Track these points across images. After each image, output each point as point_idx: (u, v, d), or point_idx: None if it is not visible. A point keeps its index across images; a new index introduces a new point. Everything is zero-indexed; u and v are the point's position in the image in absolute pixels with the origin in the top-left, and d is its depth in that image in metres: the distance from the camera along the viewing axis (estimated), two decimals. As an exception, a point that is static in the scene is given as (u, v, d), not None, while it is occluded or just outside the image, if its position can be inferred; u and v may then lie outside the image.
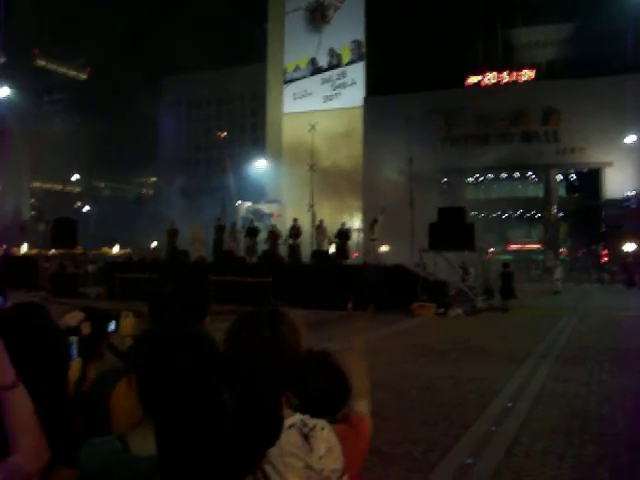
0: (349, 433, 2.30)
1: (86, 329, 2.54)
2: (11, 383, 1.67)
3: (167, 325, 1.62)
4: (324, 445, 1.84)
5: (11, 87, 73.61)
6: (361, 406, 2.50)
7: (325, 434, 1.86)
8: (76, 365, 2.49)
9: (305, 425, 1.84)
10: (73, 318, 2.56)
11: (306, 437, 1.81)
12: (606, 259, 47.51)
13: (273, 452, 1.74)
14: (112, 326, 2.74)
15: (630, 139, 46.30)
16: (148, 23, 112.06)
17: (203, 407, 1.26)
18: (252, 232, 29.84)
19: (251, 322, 1.93)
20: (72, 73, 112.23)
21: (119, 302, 20.86)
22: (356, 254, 37.45)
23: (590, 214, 52.35)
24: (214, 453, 1.24)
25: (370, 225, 27.74)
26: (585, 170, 52.45)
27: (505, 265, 25.67)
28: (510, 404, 8.81)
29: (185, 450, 1.25)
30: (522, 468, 6.18)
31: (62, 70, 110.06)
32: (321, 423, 1.88)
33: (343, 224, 29.33)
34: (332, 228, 29.29)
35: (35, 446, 1.69)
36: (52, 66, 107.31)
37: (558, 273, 33.10)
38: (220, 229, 30.26)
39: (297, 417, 1.86)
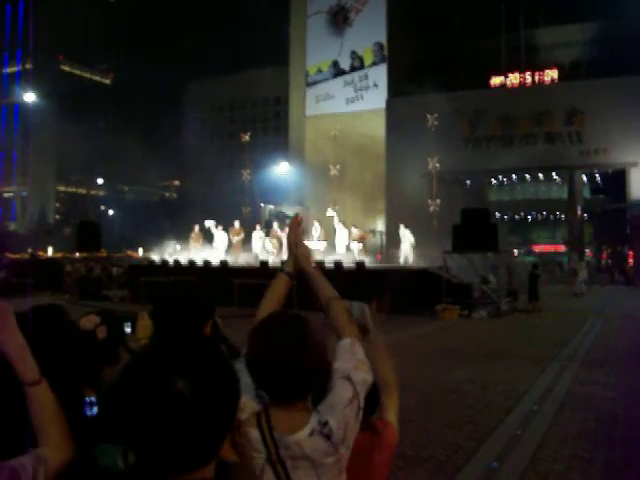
0: (375, 441, 2.28)
1: (101, 333, 2.54)
2: (36, 379, 1.75)
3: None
4: (341, 436, 1.81)
5: (37, 92, 74.69)
6: (390, 415, 2.47)
7: (341, 431, 1.81)
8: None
9: (323, 425, 1.79)
10: (89, 321, 2.57)
11: (328, 437, 1.78)
12: (631, 260, 47.04)
13: (302, 464, 1.76)
14: (128, 328, 2.76)
15: (656, 139, 45.70)
16: (173, 28, 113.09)
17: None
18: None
19: (276, 323, 1.89)
20: (96, 78, 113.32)
21: (143, 305, 20.97)
22: (379, 256, 37.51)
23: (615, 215, 51.83)
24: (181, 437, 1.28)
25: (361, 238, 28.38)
26: (610, 171, 51.90)
27: (534, 266, 25.31)
28: (536, 407, 8.74)
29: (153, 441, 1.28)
30: (549, 472, 6.12)
31: (86, 75, 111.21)
32: (332, 416, 1.82)
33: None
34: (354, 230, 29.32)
35: (60, 440, 1.77)
36: (76, 71, 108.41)
37: (582, 275, 32.68)
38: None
39: (313, 420, 1.80)
